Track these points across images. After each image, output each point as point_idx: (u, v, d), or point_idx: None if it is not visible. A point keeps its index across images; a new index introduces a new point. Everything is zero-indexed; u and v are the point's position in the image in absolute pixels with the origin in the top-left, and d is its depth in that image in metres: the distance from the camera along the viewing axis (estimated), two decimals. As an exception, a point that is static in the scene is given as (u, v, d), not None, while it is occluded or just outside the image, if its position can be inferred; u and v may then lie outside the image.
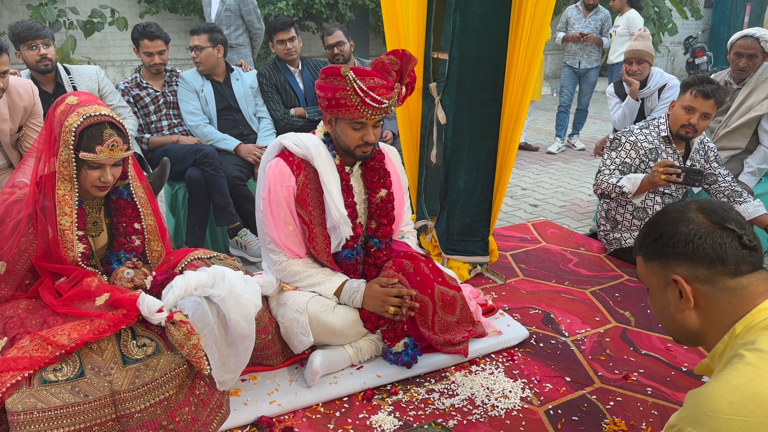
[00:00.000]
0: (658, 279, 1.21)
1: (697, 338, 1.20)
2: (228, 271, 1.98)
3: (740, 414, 0.96)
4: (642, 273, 1.27)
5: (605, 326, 2.64)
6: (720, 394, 0.99)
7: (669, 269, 1.17)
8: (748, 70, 3.54)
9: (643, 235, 1.25)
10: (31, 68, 3.24)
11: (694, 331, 1.18)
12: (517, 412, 2.05)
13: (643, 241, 1.24)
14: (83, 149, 1.83)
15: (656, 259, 1.20)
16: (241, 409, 2.01)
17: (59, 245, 1.91)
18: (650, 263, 1.22)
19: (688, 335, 1.21)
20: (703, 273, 1.13)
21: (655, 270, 1.21)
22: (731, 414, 0.96)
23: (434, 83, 2.98)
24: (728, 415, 0.96)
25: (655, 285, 1.23)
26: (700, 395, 1.02)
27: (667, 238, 1.17)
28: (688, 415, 1.02)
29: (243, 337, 1.94)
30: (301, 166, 2.19)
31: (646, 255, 1.24)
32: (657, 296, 1.23)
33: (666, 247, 1.17)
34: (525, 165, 6.09)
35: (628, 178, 3.08)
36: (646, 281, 1.27)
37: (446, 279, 2.35)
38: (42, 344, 1.72)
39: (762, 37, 3.46)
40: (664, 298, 1.21)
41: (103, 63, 7.74)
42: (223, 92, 3.73)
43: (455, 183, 2.98)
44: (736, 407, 0.97)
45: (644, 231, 1.25)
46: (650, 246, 1.21)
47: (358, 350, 2.25)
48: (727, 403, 0.97)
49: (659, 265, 1.20)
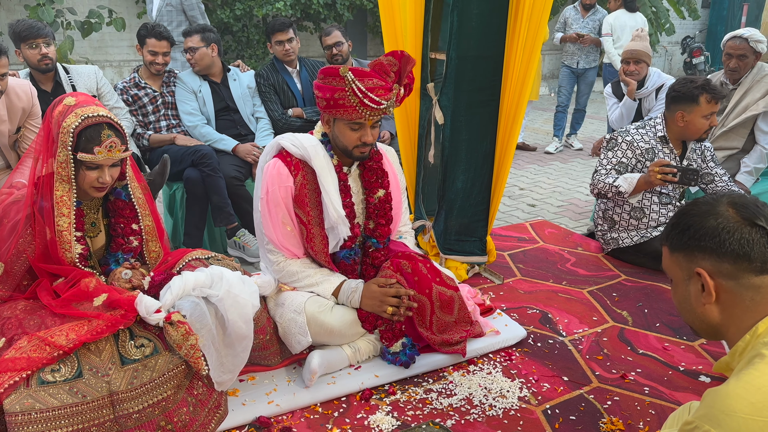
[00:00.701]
0: (682, 271, 1.20)
1: (717, 333, 1.19)
2: (226, 271, 1.98)
3: (760, 414, 0.94)
4: (667, 263, 1.25)
5: (603, 326, 2.65)
6: (740, 394, 0.98)
7: (693, 262, 1.16)
8: (739, 71, 3.56)
9: (671, 225, 1.23)
10: (31, 67, 3.24)
11: (714, 325, 1.17)
12: (514, 411, 2.06)
13: (670, 231, 1.22)
14: (81, 150, 1.83)
15: (682, 251, 1.18)
16: (239, 409, 2.02)
17: (57, 246, 1.91)
18: (675, 254, 1.21)
19: (707, 329, 1.20)
20: (727, 268, 1.12)
21: (679, 261, 1.20)
22: (752, 414, 0.95)
23: (432, 83, 2.99)
24: (748, 415, 0.95)
25: (678, 276, 1.22)
26: (720, 394, 1.01)
27: (695, 230, 1.16)
28: (707, 414, 1.00)
29: (241, 338, 1.94)
30: (299, 166, 2.19)
31: (672, 246, 1.22)
32: (679, 288, 1.22)
33: (692, 240, 1.16)
34: (523, 165, 6.09)
35: (625, 177, 3.09)
36: (669, 272, 1.25)
37: (444, 279, 2.36)
38: (40, 345, 1.72)
39: (751, 38, 3.48)
40: (686, 290, 1.20)
41: (100, 63, 7.73)
42: (220, 93, 3.74)
43: (453, 183, 2.98)
44: (756, 408, 0.95)
45: (672, 221, 1.23)
46: (677, 237, 1.20)
47: (356, 350, 2.26)
48: (748, 403, 0.96)
49: (684, 257, 1.18)
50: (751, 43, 3.47)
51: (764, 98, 3.47)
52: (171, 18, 4.74)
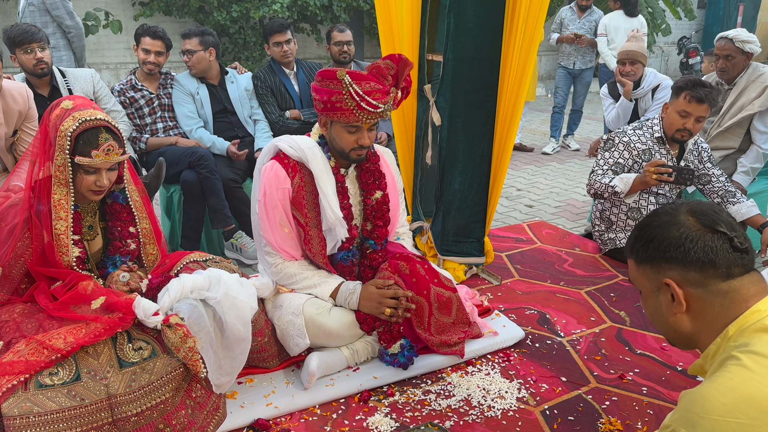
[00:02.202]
0: (650, 282, 1.21)
1: (690, 341, 1.20)
2: (224, 273, 1.98)
3: (733, 416, 0.96)
4: (634, 276, 1.26)
5: (600, 326, 2.65)
6: (714, 396, 0.99)
7: (661, 273, 1.17)
8: (728, 71, 3.58)
9: (635, 238, 1.24)
10: (27, 72, 3.24)
11: (686, 334, 1.18)
12: (513, 412, 2.06)
13: (634, 244, 1.24)
14: (79, 153, 1.83)
15: (648, 263, 1.20)
16: (237, 411, 2.01)
17: (54, 250, 1.90)
18: (642, 266, 1.22)
19: (681, 338, 1.21)
20: (694, 277, 1.13)
21: (646, 273, 1.21)
22: (724, 415, 0.96)
23: (429, 85, 2.99)
24: (721, 417, 0.96)
25: (647, 288, 1.23)
26: (694, 396, 1.02)
27: (658, 242, 1.17)
28: (682, 416, 1.02)
29: (239, 340, 1.94)
30: (297, 168, 2.19)
31: (637, 258, 1.23)
32: (649, 299, 1.23)
33: (657, 251, 1.17)
34: (520, 166, 6.10)
35: (621, 178, 3.10)
36: (638, 284, 1.26)
37: (442, 280, 2.36)
38: (38, 348, 1.71)
39: (736, 38, 3.49)
40: (656, 301, 1.20)
41: (97, 66, 7.72)
42: (218, 95, 3.74)
43: (450, 184, 2.98)
44: (729, 409, 0.97)
45: (635, 234, 1.24)
46: (641, 250, 1.21)
47: (355, 352, 2.26)
48: (721, 404, 0.97)
49: (651, 269, 1.19)
50: (737, 44, 3.48)
51: (760, 98, 3.49)
52: (34, 18, 4.41)
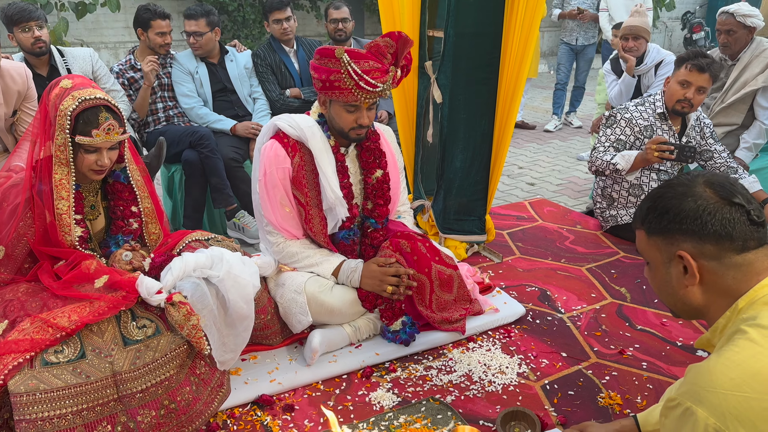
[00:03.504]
0: (661, 254, 1.18)
1: (699, 313, 1.18)
2: (226, 252, 1.99)
3: (740, 390, 0.95)
4: (643, 247, 1.23)
5: (601, 302, 2.66)
6: (721, 370, 0.99)
7: (674, 245, 1.14)
8: (730, 46, 3.55)
9: (647, 209, 1.21)
10: (25, 51, 3.22)
11: (695, 306, 1.16)
12: (513, 387, 2.08)
13: (646, 215, 1.20)
14: (79, 133, 1.83)
15: (660, 234, 1.17)
16: (241, 388, 2.04)
17: (57, 229, 1.91)
18: (653, 238, 1.19)
19: (689, 310, 1.19)
20: (710, 249, 1.11)
21: (658, 245, 1.18)
22: (731, 390, 0.96)
23: (430, 62, 2.97)
24: (729, 391, 0.96)
25: (657, 260, 1.20)
26: (701, 370, 1.02)
27: (674, 213, 1.14)
28: (689, 390, 1.01)
29: (242, 318, 1.96)
30: (296, 147, 2.19)
31: (649, 230, 1.20)
32: (659, 271, 1.20)
33: (672, 223, 1.14)
34: (522, 143, 6.08)
35: (622, 155, 3.09)
36: (647, 255, 1.23)
37: (443, 258, 2.37)
38: (42, 326, 1.73)
39: (737, 12, 3.45)
40: (666, 274, 1.18)
41: (96, 45, 7.66)
42: (217, 74, 3.71)
43: (452, 162, 2.98)
44: (736, 383, 0.96)
45: (648, 205, 1.21)
46: (655, 221, 1.18)
47: (357, 329, 2.27)
48: (728, 379, 0.97)
49: (663, 240, 1.17)
50: (738, 18, 3.44)
51: (763, 73, 3.46)
52: None
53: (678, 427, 1.01)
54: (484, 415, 1.94)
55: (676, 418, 1.01)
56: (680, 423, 1.00)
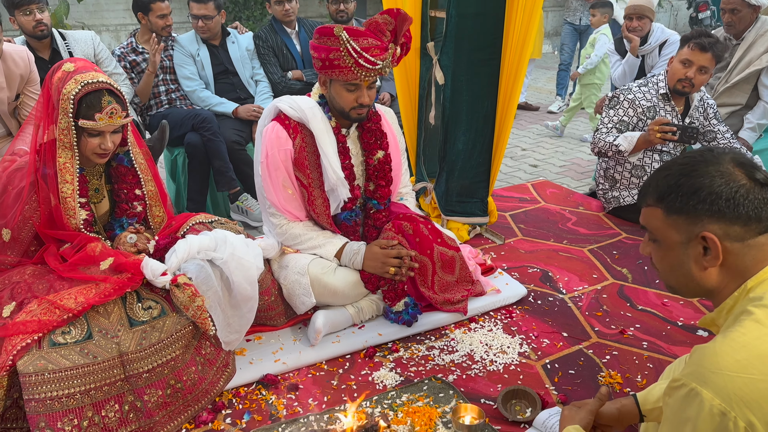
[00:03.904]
0: (680, 234, 1.12)
1: (708, 294, 1.15)
2: (230, 234, 2.01)
3: (746, 372, 0.95)
4: (656, 225, 1.16)
5: (602, 283, 2.68)
6: (727, 352, 0.98)
7: (698, 225, 1.09)
8: (735, 25, 3.52)
9: (668, 186, 1.14)
10: (27, 34, 3.21)
11: (709, 287, 1.14)
12: (515, 366, 2.11)
13: (668, 192, 1.13)
14: (82, 117, 1.84)
15: (683, 214, 1.11)
16: (246, 367, 2.07)
17: (62, 212, 1.93)
18: (673, 217, 1.13)
19: (700, 291, 1.16)
20: (737, 230, 1.07)
21: (677, 224, 1.12)
22: (737, 372, 0.95)
23: (432, 43, 2.96)
24: (734, 373, 0.95)
25: (673, 240, 1.14)
26: (707, 352, 1.01)
27: (707, 193, 1.08)
28: (694, 372, 1.00)
29: (246, 299, 1.98)
30: (298, 129, 2.19)
31: (669, 209, 1.13)
32: (673, 252, 1.15)
33: (703, 203, 1.08)
34: (525, 125, 6.06)
35: (625, 136, 3.08)
36: (659, 234, 1.17)
37: (445, 240, 2.38)
38: (50, 308, 1.75)
39: None
40: (683, 254, 1.13)
41: (96, 28, 7.63)
42: (219, 56, 3.70)
43: (454, 144, 2.98)
44: (742, 365, 0.95)
45: (670, 182, 1.14)
46: (679, 200, 1.11)
47: (360, 310, 2.30)
48: (734, 361, 0.96)
49: (686, 220, 1.11)
50: None
51: (768, 52, 3.43)
52: None
53: (682, 407, 1.00)
54: (485, 394, 1.97)
55: (681, 399, 1.00)
56: (685, 404, 0.99)
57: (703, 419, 0.96)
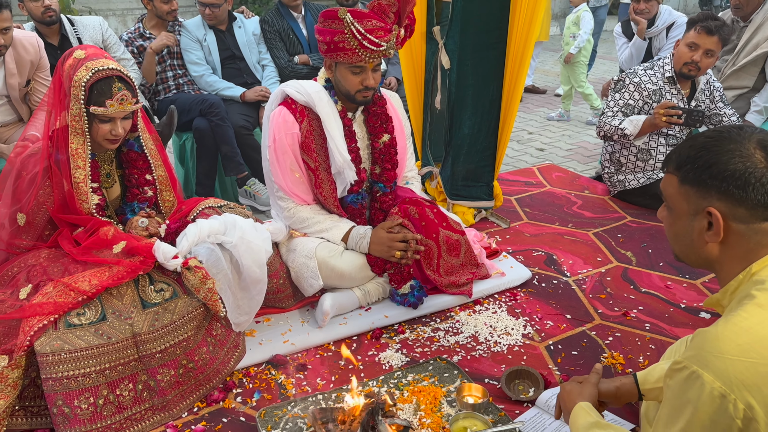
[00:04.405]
0: (689, 205, 1.13)
1: (710, 266, 1.17)
2: (239, 218, 2.04)
3: (747, 356, 0.96)
4: (671, 192, 1.18)
5: (607, 266, 2.71)
6: (728, 336, 0.99)
7: (706, 200, 1.10)
8: (742, 7, 3.50)
9: (687, 156, 1.13)
10: (36, 20, 3.24)
11: (709, 260, 1.15)
12: (518, 347, 2.15)
13: (686, 162, 1.13)
14: (93, 103, 1.87)
15: (696, 186, 1.11)
16: (256, 348, 2.12)
17: (74, 197, 1.97)
18: (686, 187, 1.13)
19: (700, 262, 1.18)
20: (742, 213, 1.07)
21: (688, 195, 1.13)
22: (738, 355, 0.96)
23: (438, 27, 2.96)
24: (735, 357, 0.96)
25: (682, 209, 1.15)
26: (709, 336, 1.01)
27: (719, 170, 1.08)
28: (696, 355, 1.01)
29: (255, 281, 2.02)
30: (304, 113, 2.22)
31: (684, 178, 1.14)
32: (681, 221, 1.16)
33: (714, 179, 1.08)
34: (532, 108, 6.04)
35: (630, 120, 3.09)
36: (672, 201, 1.18)
37: (450, 223, 2.41)
38: (65, 290, 1.80)
39: None
40: (689, 225, 1.15)
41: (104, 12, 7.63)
42: (226, 41, 3.71)
43: (460, 128, 2.99)
44: (743, 349, 0.96)
45: (691, 153, 1.13)
46: (694, 171, 1.11)
47: (366, 293, 2.34)
48: (736, 345, 0.97)
49: (696, 192, 1.11)
50: None
51: (776, 35, 3.41)
52: None
53: (683, 390, 1.02)
54: (489, 374, 2.01)
55: (682, 381, 1.02)
56: (686, 386, 1.01)
57: (703, 401, 0.98)
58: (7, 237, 2.00)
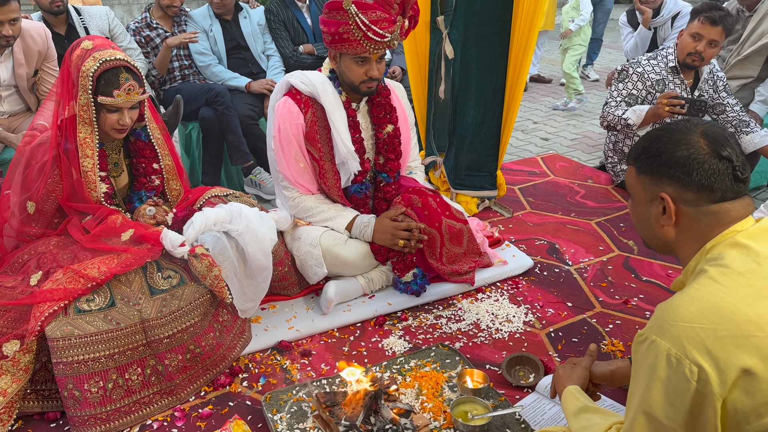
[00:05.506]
0: (646, 192, 1.24)
1: (670, 249, 1.27)
2: (244, 207, 2.08)
3: (698, 322, 1.04)
4: (631, 182, 1.30)
5: (608, 255, 2.73)
6: (681, 305, 1.08)
7: (659, 186, 1.20)
8: None
9: (642, 149, 1.25)
10: (43, 10, 3.26)
11: (668, 242, 1.25)
12: (519, 334, 2.18)
13: (639, 154, 1.25)
14: (101, 93, 1.90)
15: (649, 174, 1.23)
16: (262, 334, 2.16)
17: (83, 186, 2.00)
18: (642, 176, 1.25)
19: (662, 245, 1.28)
20: (690, 196, 1.17)
21: (644, 183, 1.24)
22: (690, 322, 1.05)
23: (442, 17, 2.97)
24: (687, 323, 1.05)
25: (641, 197, 1.27)
26: (666, 307, 1.11)
27: (665, 158, 1.19)
28: (654, 325, 1.11)
29: (261, 269, 2.06)
30: (309, 103, 2.24)
31: (639, 168, 1.25)
32: (641, 207, 1.27)
33: (662, 166, 1.19)
34: (537, 98, 6.04)
35: (633, 110, 3.09)
36: (633, 190, 1.30)
37: (453, 212, 2.44)
38: (74, 277, 1.84)
39: None
40: (647, 211, 1.25)
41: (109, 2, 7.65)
42: (231, 31, 3.73)
43: (463, 118, 3.01)
44: (695, 316, 1.05)
45: (643, 144, 1.25)
46: (646, 161, 1.23)
47: (370, 280, 2.37)
48: (688, 312, 1.06)
49: (650, 180, 1.23)
50: None
51: (782, 24, 3.41)
52: None
53: (645, 358, 1.10)
54: (490, 360, 2.04)
55: (644, 351, 1.11)
56: (646, 354, 1.10)
57: (662, 366, 1.06)
58: (17, 225, 2.04)
